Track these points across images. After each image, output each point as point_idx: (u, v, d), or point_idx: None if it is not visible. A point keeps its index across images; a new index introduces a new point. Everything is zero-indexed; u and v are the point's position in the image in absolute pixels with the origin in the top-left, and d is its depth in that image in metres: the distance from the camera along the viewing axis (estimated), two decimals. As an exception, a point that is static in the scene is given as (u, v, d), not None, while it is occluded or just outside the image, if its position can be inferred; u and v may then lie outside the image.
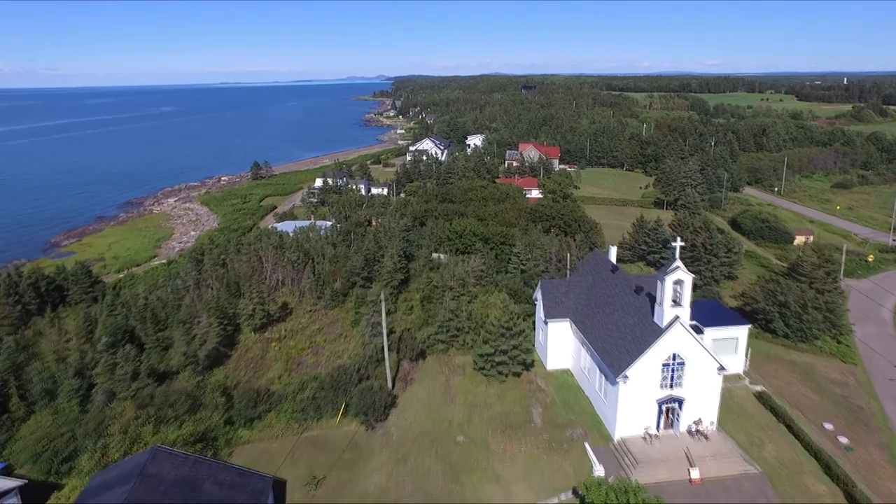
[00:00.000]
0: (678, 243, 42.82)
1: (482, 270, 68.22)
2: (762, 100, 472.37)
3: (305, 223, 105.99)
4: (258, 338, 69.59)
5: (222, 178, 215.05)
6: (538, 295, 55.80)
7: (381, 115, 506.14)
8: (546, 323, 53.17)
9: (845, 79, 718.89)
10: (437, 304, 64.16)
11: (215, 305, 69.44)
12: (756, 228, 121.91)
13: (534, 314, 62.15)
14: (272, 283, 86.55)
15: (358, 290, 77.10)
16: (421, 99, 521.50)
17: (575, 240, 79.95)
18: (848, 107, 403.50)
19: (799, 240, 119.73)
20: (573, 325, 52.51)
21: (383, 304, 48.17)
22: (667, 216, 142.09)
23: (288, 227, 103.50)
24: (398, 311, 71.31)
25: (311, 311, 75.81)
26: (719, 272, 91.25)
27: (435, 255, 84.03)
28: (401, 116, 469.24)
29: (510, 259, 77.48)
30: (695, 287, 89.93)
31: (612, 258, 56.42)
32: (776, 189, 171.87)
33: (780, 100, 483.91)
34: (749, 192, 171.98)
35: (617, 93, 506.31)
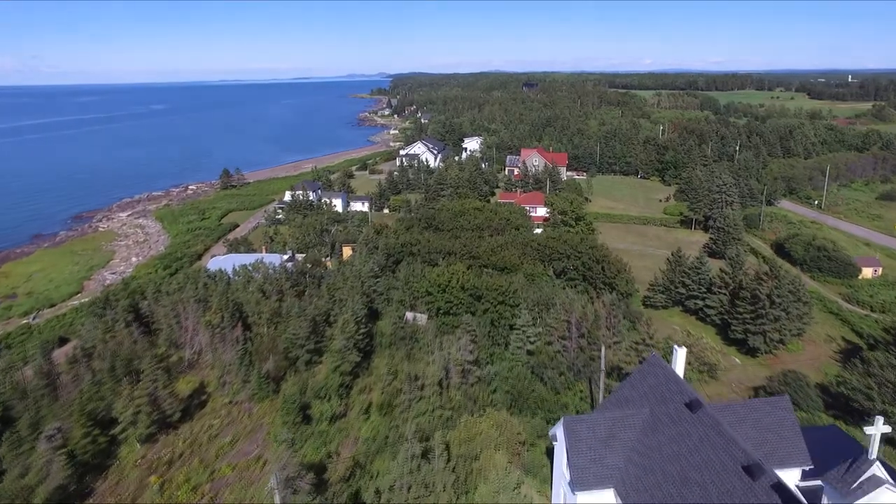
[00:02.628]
0: (879, 428, 20.52)
1: (469, 362, 46.02)
2: (773, 98, 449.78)
3: (252, 257, 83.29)
4: (145, 453, 47.65)
5: (190, 187, 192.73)
6: (558, 433, 33.76)
7: (376, 113, 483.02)
8: (574, 492, 31.12)
9: (850, 76, 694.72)
10: (399, 418, 42.15)
11: (80, 405, 47.47)
12: (811, 258, 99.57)
13: (544, 434, 40.66)
14: (194, 352, 64.51)
15: (298, 373, 55.16)
16: (418, 97, 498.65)
17: (601, 299, 57.46)
18: (867, 105, 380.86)
19: (865, 272, 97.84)
20: (619, 498, 30.48)
21: None
22: (697, 238, 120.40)
23: (227, 263, 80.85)
24: (351, 409, 49.40)
25: (230, 402, 53.81)
26: (787, 330, 69.36)
27: (409, 314, 61.97)
28: (396, 115, 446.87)
29: (512, 327, 55.38)
30: (750, 350, 63.49)
31: (679, 368, 34.22)
32: (815, 202, 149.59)
33: (792, 98, 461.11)
34: (784, 205, 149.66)
35: (623, 91, 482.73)
